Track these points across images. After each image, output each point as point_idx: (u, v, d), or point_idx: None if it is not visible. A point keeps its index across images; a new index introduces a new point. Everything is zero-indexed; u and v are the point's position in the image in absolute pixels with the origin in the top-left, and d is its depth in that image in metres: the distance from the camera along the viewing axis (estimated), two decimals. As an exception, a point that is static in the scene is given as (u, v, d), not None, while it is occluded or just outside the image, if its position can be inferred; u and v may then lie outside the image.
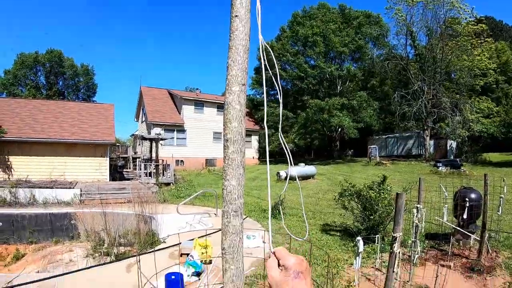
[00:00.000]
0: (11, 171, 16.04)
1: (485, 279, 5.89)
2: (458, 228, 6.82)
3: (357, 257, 4.65)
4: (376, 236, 5.60)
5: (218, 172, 25.29)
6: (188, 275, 6.30)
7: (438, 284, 5.11)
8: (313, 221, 10.80)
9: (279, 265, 0.93)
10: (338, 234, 9.39)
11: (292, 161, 1.41)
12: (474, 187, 7.57)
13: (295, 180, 19.56)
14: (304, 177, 20.23)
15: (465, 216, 6.76)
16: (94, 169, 17.96)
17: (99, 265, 7.14)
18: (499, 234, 7.53)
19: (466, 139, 26.36)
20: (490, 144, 30.21)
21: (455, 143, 28.20)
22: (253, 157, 33.96)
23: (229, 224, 1.45)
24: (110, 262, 7.37)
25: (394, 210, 4.16)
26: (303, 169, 20.11)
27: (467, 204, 6.75)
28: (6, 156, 15.86)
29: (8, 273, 6.85)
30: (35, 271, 7.81)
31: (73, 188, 14.04)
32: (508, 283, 5.69)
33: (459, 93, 28.40)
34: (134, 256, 7.37)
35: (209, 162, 30.11)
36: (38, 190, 12.79)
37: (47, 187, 13.29)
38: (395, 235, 3.91)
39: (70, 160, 17.44)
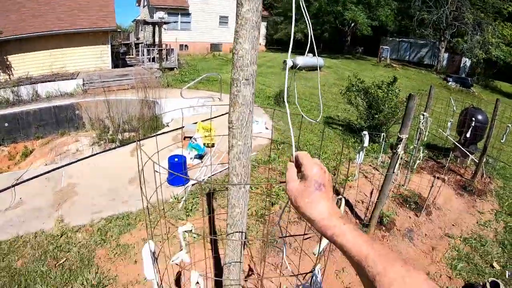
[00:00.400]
0: (11, 71, 15.44)
1: (475, 201, 6.06)
2: (459, 145, 6.82)
3: (361, 152, 4.66)
4: (382, 134, 5.56)
5: (223, 57, 24.73)
6: (191, 158, 6.46)
7: (431, 194, 5.24)
8: (317, 112, 10.79)
9: (298, 172, 0.81)
10: (340, 128, 9.49)
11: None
12: (482, 109, 7.37)
13: (302, 70, 19.15)
14: (311, 68, 19.74)
15: (468, 135, 6.70)
16: (96, 58, 17.36)
17: (104, 151, 7.33)
18: (497, 162, 7.56)
19: (482, 61, 25.15)
20: (504, 72, 28.88)
21: (470, 62, 26.98)
22: (260, 44, 32.66)
23: (238, 94, 1.28)
24: (114, 148, 7.54)
25: (404, 112, 4.01)
26: (310, 59, 19.44)
27: (473, 124, 6.64)
28: (4, 57, 15.13)
29: (17, 171, 7.00)
30: (43, 164, 8.00)
31: (75, 78, 13.73)
32: (495, 211, 5.87)
33: (484, 12, 26.06)
34: (140, 140, 7.49)
35: (214, 47, 29.05)
36: (40, 85, 12.47)
37: (49, 81, 12.90)
38: (401, 136, 3.84)
39: (70, 51, 16.69)
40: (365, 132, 4.54)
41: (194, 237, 4.16)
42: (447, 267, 4.41)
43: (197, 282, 1.64)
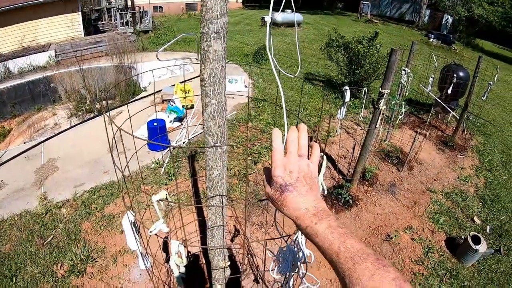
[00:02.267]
0: (-20, 50, 14.51)
1: (456, 156, 6.18)
2: (440, 101, 6.86)
3: (342, 107, 4.63)
4: (363, 89, 5.52)
5: (199, 16, 23.80)
6: (170, 121, 6.36)
7: (413, 149, 5.30)
8: (296, 69, 10.65)
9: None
10: (321, 84, 9.43)
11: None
12: (464, 66, 7.39)
13: (281, 26, 18.72)
14: (290, 25, 19.23)
15: (449, 92, 6.72)
16: (67, 27, 16.47)
17: (81, 123, 7.08)
18: (477, 119, 7.66)
19: (464, 19, 24.87)
20: (485, 31, 28.70)
21: (452, 19, 26.69)
22: (236, 1, 31.63)
23: (209, 49, 1.18)
24: (92, 118, 7.31)
25: (385, 67, 3.94)
26: (289, 15, 18.93)
27: (454, 80, 6.64)
28: (-30, 37, 14.14)
29: None
30: (22, 143, 7.71)
31: (47, 50, 13.13)
32: (476, 167, 6.00)
33: (468, -32, 25.52)
34: (115, 108, 7.27)
35: (190, 7, 27.90)
36: (11, 62, 11.85)
37: (20, 56, 12.28)
38: (382, 91, 3.80)
39: (40, 22, 15.73)
40: (346, 88, 4.49)
41: (171, 206, 4.14)
42: (430, 221, 4.55)
43: (180, 252, 1.61)
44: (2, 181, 5.02)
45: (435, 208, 4.80)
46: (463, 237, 4.20)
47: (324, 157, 1.42)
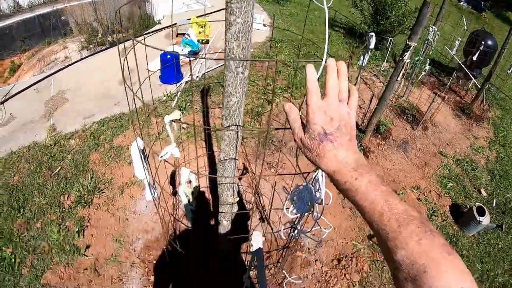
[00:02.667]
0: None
1: (472, 125, 5.98)
2: (463, 66, 6.55)
3: (366, 54, 4.45)
4: (389, 38, 5.27)
5: None
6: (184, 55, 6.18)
7: (430, 109, 5.14)
8: (318, 12, 10.13)
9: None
10: (342, 31, 9.07)
11: None
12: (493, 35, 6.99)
13: None
14: None
15: (474, 58, 6.43)
16: None
17: (92, 54, 6.88)
18: (498, 91, 7.31)
19: None
20: None
21: None
22: None
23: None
24: (104, 50, 7.11)
25: (415, 20, 3.72)
26: None
27: (481, 48, 6.31)
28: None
29: (5, 86, 6.61)
30: (32, 77, 7.59)
31: None
32: (490, 139, 5.81)
33: None
34: (127, 40, 7.06)
35: None
36: None
37: None
38: (409, 43, 3.60)
39: None
40: (372, 34, 4.30)
41: (184, 128, 4.09)
42: (437, 184, 4.50)
43: (190, 181, 1.56)
44: (11, 114, 5.00)
45: (444, 172, 4.74)
46: (468, 206, 4.18)
47: (356, 95, 1.32)
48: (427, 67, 5.47)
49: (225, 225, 2.08)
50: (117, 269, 3.07)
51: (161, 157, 1.37)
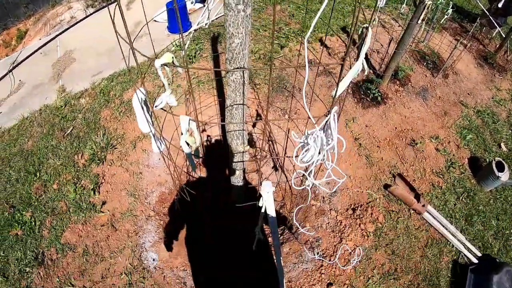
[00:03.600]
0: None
1: (494, 75, 5.63)
2: (488, 13, 6.06)
3: None
4: None
5: None
6: (191, 2, 5.95)
7: (451, 57, 4.84)
8: None
9: None
10: None
11: None
12: None
13: None
14: None
15: (500, 5, 5.89)
16: None
17: (98, 10, 6.70)
18: None
19: None
20: None
21: None
22: None
23: None
24: (107, 5, 6.87)
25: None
26: None
27: None
28: None
29: (12, 54, 6.48)
30: (38, 41, 7.43)
31: None
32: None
33: None
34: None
35: None
36: None
37: None
38: (432, -18, 3.31)
39: None
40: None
41: (179, 72, 3.98)
42: (457, 135, 4.34)
43: (192, 132, 1.48)
44: (20, 80, 5.00)
45: (464, 123, 4.54)
46: (487, 160, 4.03)
47: (370, 29, 1.19)
48: (450, 11, 5.10)
49: (237, 174, 2.04)
50: (133, 223, 3.14)
51: (155, 106, 1.28)
